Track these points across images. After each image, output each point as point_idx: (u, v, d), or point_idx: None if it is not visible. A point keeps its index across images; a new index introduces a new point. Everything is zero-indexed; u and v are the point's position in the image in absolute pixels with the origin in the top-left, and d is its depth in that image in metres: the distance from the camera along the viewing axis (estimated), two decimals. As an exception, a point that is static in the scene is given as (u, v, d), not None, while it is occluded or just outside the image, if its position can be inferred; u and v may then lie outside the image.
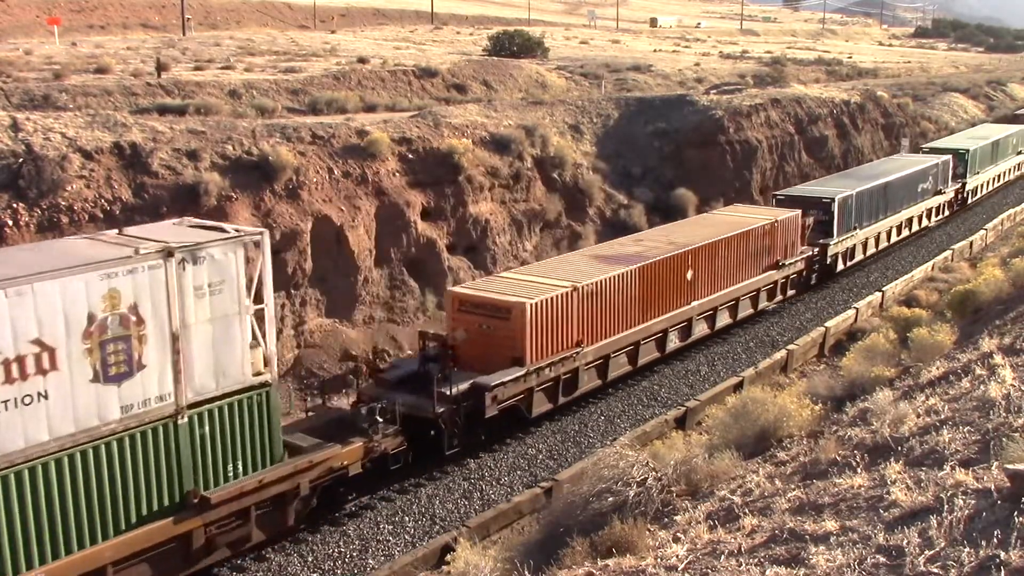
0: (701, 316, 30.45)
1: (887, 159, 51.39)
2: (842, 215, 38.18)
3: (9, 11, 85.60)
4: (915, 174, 45.16)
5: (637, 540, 11.55)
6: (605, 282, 25.88)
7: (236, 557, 18.81)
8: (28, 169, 25.24)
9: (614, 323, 26.43)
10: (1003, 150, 58.79)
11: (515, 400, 23.66)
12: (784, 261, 34.31)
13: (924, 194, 46.12)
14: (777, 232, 33.83)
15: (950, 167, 49.00)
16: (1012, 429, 10.42)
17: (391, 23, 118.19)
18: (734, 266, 31.64)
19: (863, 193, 40.05)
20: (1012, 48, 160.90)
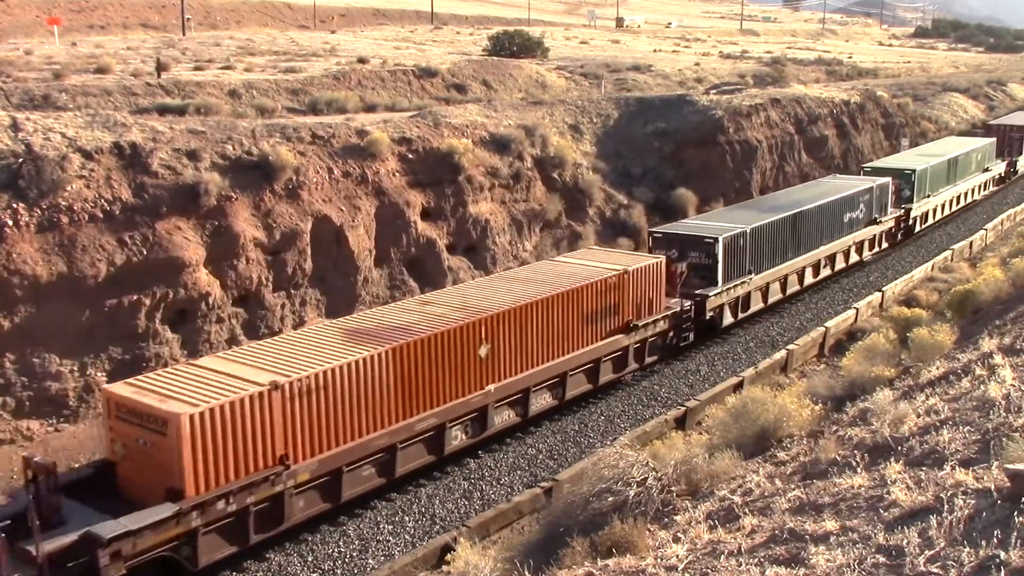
0: (504, 402, 23.70)
1: (813, 183, 44.60)
2: (729, 258, 31.42)
3: (9, 11, 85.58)
4: (839, 202, 38.49)
5: (637, 540, 11.55)
6: (330, 374, 19.28)
7: (236, 557, 18.81)
8: (28, 169, 25.23)
9: (350, 426, 19.89)
10: (963, 168, 51.89)
11: (165, 550, 17.10)
12: (638, 321, 27.62)
13: (853, 225, 39.50)
14: (627, 285, 27.10)
15: (889, 192, 42.54)
16: (1012, 429, 10.42)
17: (391, 23, 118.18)
18: (558, 334, 24.99)
19: (762, 229, 33.30)
20: (1012, 48, 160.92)
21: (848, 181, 42.62)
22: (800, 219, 35.58)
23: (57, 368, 24.59)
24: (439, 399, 21.84)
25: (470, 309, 23.23)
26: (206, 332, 27.58)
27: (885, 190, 42.18)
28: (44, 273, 24.40)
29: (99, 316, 25.41)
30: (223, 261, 28.13)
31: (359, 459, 20.35)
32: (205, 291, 27.41)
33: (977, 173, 54.69)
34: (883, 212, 42.09)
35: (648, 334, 28.29)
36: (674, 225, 34.92)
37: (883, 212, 42.09)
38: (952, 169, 50.16)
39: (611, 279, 26.55)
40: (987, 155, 56.64)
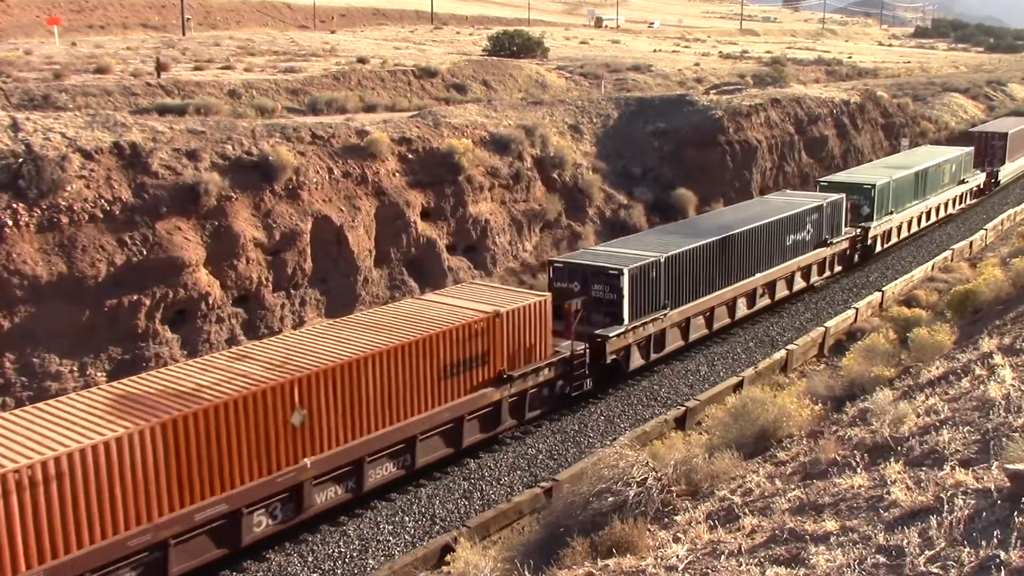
0: (328, 477, 19.93)
1: (758, 201, 40.63)
2: (638, 291, 27.55)
3: (9, 11, 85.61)
4: (781, 223, 34.27)
5: (637, 540, 11.55)
6: (67, 460, 15.25)
7: (236, 557, 18.82)
8: (28, 169, 25.24)
9: (97, 523, 15.82)
10: (934, 181, 47.56)
11: None
12: (513, 372, 23.51)
13: (799, 247, 35.38)
14: (499, 329, 22.90)
15: (843, 209, 38.36)
16: (1012, 429, 10.42)
17: (391, 23, 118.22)
18: (404, 391, 21.01)
19: (680, 257, 29.25)
20: (1012, 48, 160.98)
21: (796, 199, 38.31)
22: (729, 244, 31.35)
23: (57, 368, 24.59)
24: (232, 480, 17.82)
25: (286, 367, 19.31)
26: (206, 332, 27.59)
27: (838, 208, 37.87)
28: (44, 273, 24.41)
29: (99, 316, 25.42)
30: (223, 261, 28.14)
31: (110, 564, 16.01)
32: (205, 291, 27.42)
33: (951, 186, 50.20)
34: (835, 232, 37.70)
35: (528, 385, 24.14)
36: (578, 254, 30.53)
37: (835, 232, 37.70)
38: (921, 182, 45.98)
39: (476, 323, 22.39)
40: (963, 166, 52.09)
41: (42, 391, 23.98)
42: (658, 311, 28.28)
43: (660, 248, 29.20)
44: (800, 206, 35.97)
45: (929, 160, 48.05)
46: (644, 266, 27.53)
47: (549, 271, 28.18)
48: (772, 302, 34.44)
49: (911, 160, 48.06)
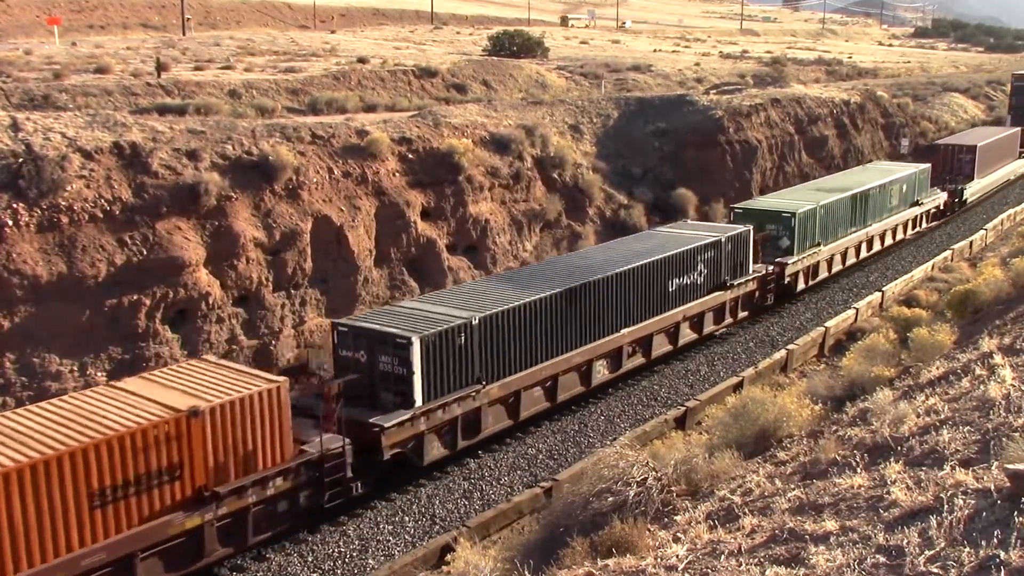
0: None
1: (646, 233, 34.29)
2: (438, 361, 21.82)
3: (9, 11, 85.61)
4: (658, 265, 28.50)
5: (637, 540, 11.55)
6: None
7: (235, 557, 18.81)
8: (28, 169, 25.23)
9: None
10: (878, 204, 41.74)
11: None
12: (220, 489, 17.83)
13: (688, 293, 29.84)
14: (201, 430, 17.31)
15: (748, 244, 32.64)
16: (1012, 429, 10.42)
17: (391, 23, 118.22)
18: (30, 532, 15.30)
19: (508, 315, 23.53)
20: (1012, 48, 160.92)
21: (691, 232, 32.14)
22: (581, 294, 25.61)
23: (57, 368, 24.60)
24: None
25: None
26: (206, 332, 27.59)
27: (741, 242, 32.25)
28: (44, 273, 24.41)
29: (99, 316, 25.42)
30: (223, 261, 28.14)
31: None
32: (205, 291, 27.42)
33: (902, 209, 44.38)
34: (739, 272, 32.26)
35: (247, 502, 18.44)
36: (370, 314, 24.56)
37: (739, 272, 32.26)
38: (860, 207, 40.11)
39: (155, 427, 16.73)
40: (918, 185, 46.03)
41: (42, 391, 23.98)
42: (468, 387, 22.66)
43: (479, 305, 23.61)
44: (690, 242, 30.22)
45: (874, 180, 42.30)
46: (446, 331, 21.91)
47: (333, 336, 22.62)
48: (648, 360, 28.70)
49: (852, 181, 42.52)
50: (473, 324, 22.61)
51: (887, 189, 42.84)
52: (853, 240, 39.98)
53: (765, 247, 34.83)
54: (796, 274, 35.79)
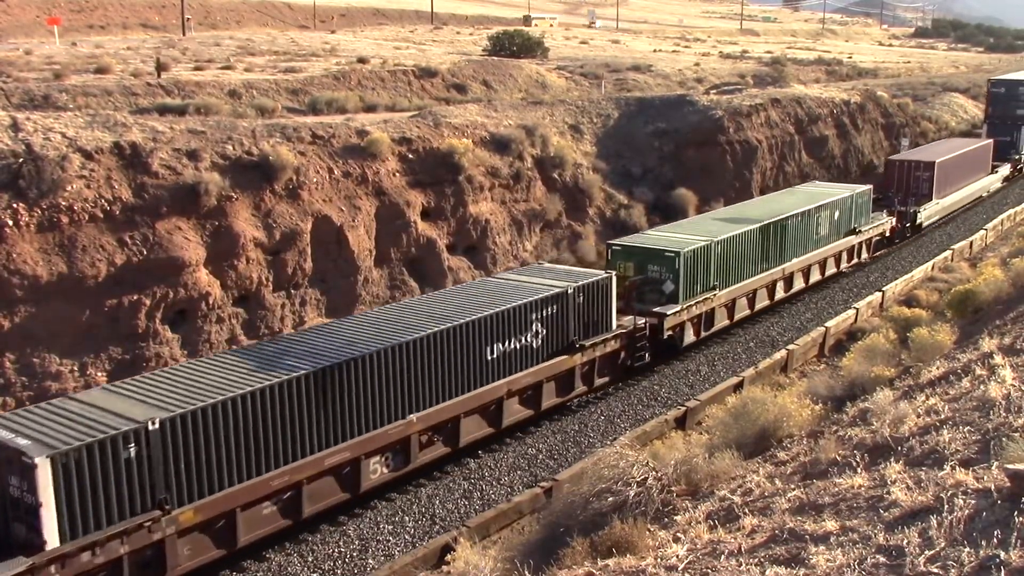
0: None
1: (480, 282, 27.71)
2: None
3: (9, 11, 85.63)
4: (484, 323, 22.78)
5: (637, 540, 11.55)
6: None
7: (235, 557, 18.81)
8: (28, 169, 25.24)
9: None
10: (800, 236, 35.26)
11: None
12: None
13: (520, 359, 23.83)
14: None
15: (605, 294, 26.31)
16: (1012, 429, 10.42)
17: (391, 23, 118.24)
18: None
19: (227, 408, 17.61)
20: (1012, 48, 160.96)
21: (533, 281, 25.98)
22: (338, 377, 19.63)
23: (57, 368, 24.60)
24: None
25: None
26: (206, 332, 27.59)
27: (600, 293, 26.17)
28: (44, 273, 24.41)
29: (99, 316, 25.42)
30: (223, 261, 28.14)
31: None
32: (205, 291, 27.42)
33: (835, 238, 38.18)
34: (596, 329, 26.21)
35: None
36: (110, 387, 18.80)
37: (596, 329, 26.21)
38: (775, 239, 33.74)
39: None
40: (856, 209, 39.75)
41: (42, 391, 23.99)
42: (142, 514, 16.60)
43: (166, 400, 17.87)
44: (524, 296, 24.19)
45: (797, 206, 35.88)
46: (171, 423, 17.02)
47: None
48: (455, 449, 22.84)
49: (768, 208, 35.98)
50: (150, 429, 16.66)
51: (813, 216, 36.27)
52: (765, 280, 33.49)
53: (645, 293, 28.99)
54: (681, 326, 29.45)
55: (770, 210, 35.27)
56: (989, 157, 55.93)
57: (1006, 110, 62.64)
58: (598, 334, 26.28)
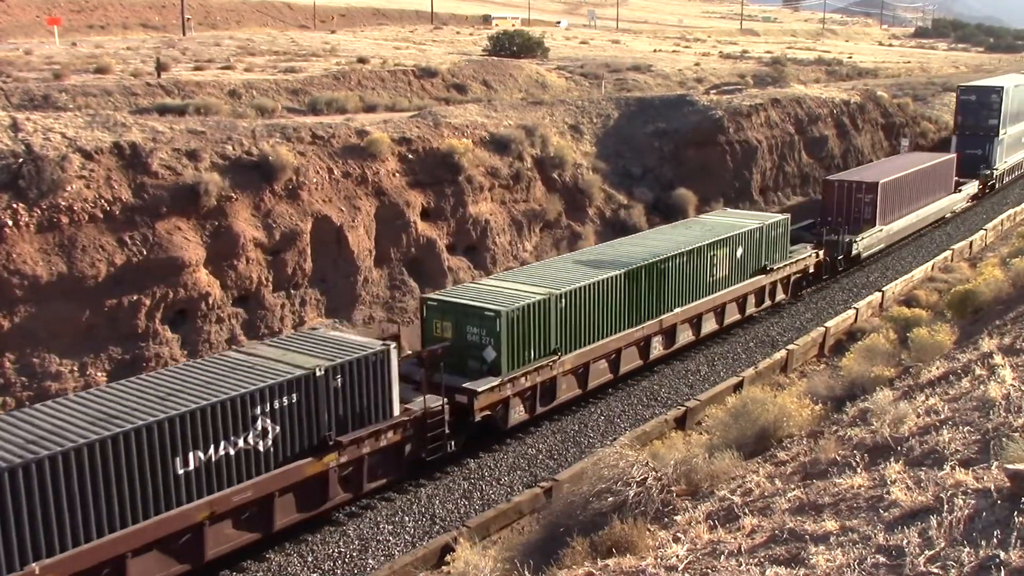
0: None
1: (204, 362, 20.53)
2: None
3: (9, 11, 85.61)
4: (188, 420, 17.38)
5: (637, 540, 11.55)
6: None
7: (235, 556, 18.81)
8: (28, 169, 25.24)
9: None
10: (688, 279, 29.77)
11: None
12: None
13: (219, 470, 18.01)
14: None
15: (389, 368, 20.85)
16: (1012, 429, 10.42)
17: (391, 23, 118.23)
18: None
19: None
20: (1012, 48, 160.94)
21: (262, 360, 20.11)
22: None
23: (57, 368, 24.60)
24: None
25: None
26: (206, 332, 27.60)
27: (367, 371, 20.48)
28: (44, 273, 24.41)
29: (99, 316, 25.42)
30: (223, 261, 28.15)
31: None
32: (205, 291, 27.43)
33: (737, 281, 32.06)
34: (360, 421, 20.53)
35: None
36: None
37: (360, 421, 20.53)
38: (648, 286, 28.05)
39: None
40: (769, 243, 33.38)
41: (42, 391, 23.99)
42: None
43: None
44: (237, 385, 18.51)
45: (689, 243, 30.30)
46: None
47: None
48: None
49: (651, 246, 30.12)
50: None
51: (705, 255, 30.33)
52: (634, 336, 27.76)
53: (466, 362, 23.72)
54: (504, 402, 23.79)
55: (650, 249, 29.50)
56: (952, 173, 50.02)
57: (977, 120, 57.14)
58: (363, 425, 20.44)
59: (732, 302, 32.39)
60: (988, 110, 57.01)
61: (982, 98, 57.59)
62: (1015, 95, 60.00)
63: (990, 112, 56.93)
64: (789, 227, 35.35)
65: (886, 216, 41.82)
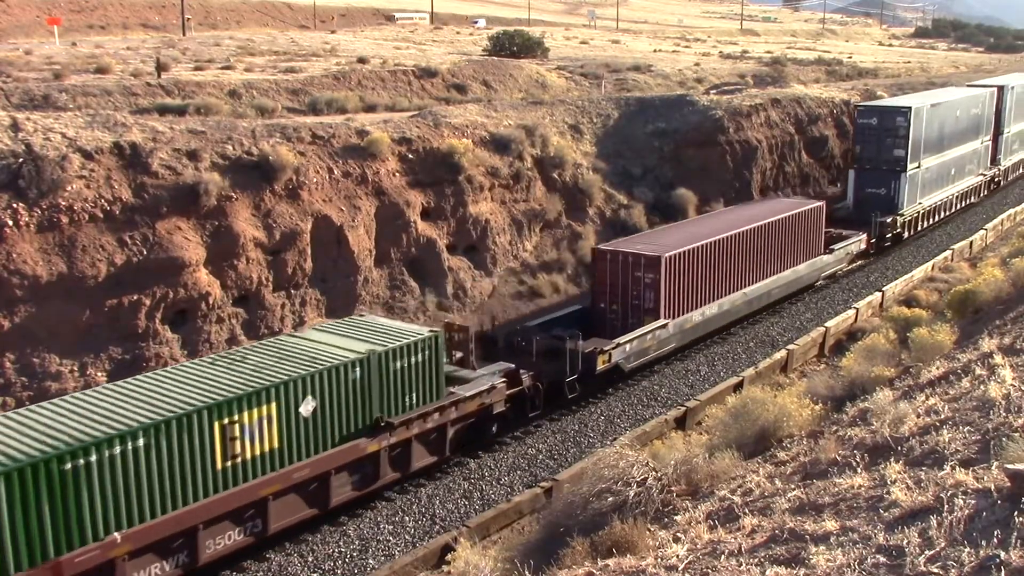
0: None
1: None
2: None
3: (9, 11, 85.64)
4: None
5: (637, 540, 11.56)
6: None
7: (235, 556, 18.81)
8: (28, 169, 25.23)
9: None
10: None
11: None
12: None
13: None
14: None
15: None
16: (1012, 429, 10.42)
17: (391, 23, 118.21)
18: None
19: None
20: (1012, 48, 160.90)
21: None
22: None
23: (57, 368, 24.59)
24: None
25: None
26: (206, 332, 27.58)
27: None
28: (44, 273, 24.41)
29: (99, 316, 25.42)
30: (223, 261, 28.14)
31: None
32: (205, 291, 27.42)
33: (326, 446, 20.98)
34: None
35: None
36: None
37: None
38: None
39: None
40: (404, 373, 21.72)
41: (42, 391, 23.98)
42: None
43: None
44: None
45: None
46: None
47: None
48: None
49: None
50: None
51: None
52: None
53: None
54: None
55: None
56: (821, 226, 36.91)
57: (880, 150, 43.90)
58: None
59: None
60: (894, 137, 43.73)
61: (885, 121, 44.18)
62: (933, 117, 46.01)
63: (895, 139, 43.65)
64: (436, 349, 22.10)
65: (678, 303, 29.45)
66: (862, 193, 43.59)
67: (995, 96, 54.00)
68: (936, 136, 46.65)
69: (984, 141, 52.98)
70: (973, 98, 51.31)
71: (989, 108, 52.98)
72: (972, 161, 51.78)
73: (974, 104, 50.91)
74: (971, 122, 50.79)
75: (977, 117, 51.36)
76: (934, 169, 46.92)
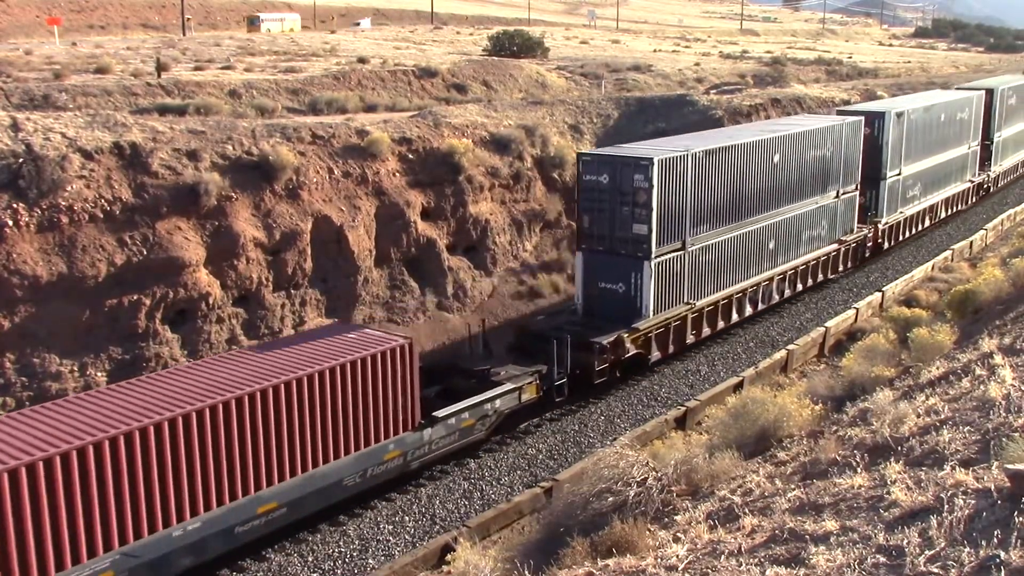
0: None
1: None
2: None
3: (9, 11, 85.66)
4: None
5: (637, 540, 11.56)
6: None
7: (235, 556, 18.80)
8: (28, 169, 25.23)
9: None
10: None
11: None
12: None
13: None
14: None
15: None
16: (1012, 429, 10.42)
17: (391, 23, 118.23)
18: None
19: None
20: (1012, 48, 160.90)
21: None
22: None
23: (57, 368, 24.59)
24: None
25: None
26: (206, 332, 27.58)
27: None
28: (44, 273, 24.41)
29: (99, 316, 25.41)
30: (223, 261, 28.14)
31: None
32: (205, 291, 27.42)
33: None
34: None
35: None
36: None
37: None
38: None
39: None
40: None
41: (42, 391, 23.98)
42: None
43: None
44: None
45: None
46: None
47: None
48: None
49: None
50: None
51: None
52: None
53: None
54: None
55: None
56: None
57: (615, 224, 27.77)
58: None
59: None
60: (632, 205, 27.48)
61: (620, 180, 27.55)
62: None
63: (635, 209, 27.38)
64: None
65: None
66: (594, 289, 28.73)
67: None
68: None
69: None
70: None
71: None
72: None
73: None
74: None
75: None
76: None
